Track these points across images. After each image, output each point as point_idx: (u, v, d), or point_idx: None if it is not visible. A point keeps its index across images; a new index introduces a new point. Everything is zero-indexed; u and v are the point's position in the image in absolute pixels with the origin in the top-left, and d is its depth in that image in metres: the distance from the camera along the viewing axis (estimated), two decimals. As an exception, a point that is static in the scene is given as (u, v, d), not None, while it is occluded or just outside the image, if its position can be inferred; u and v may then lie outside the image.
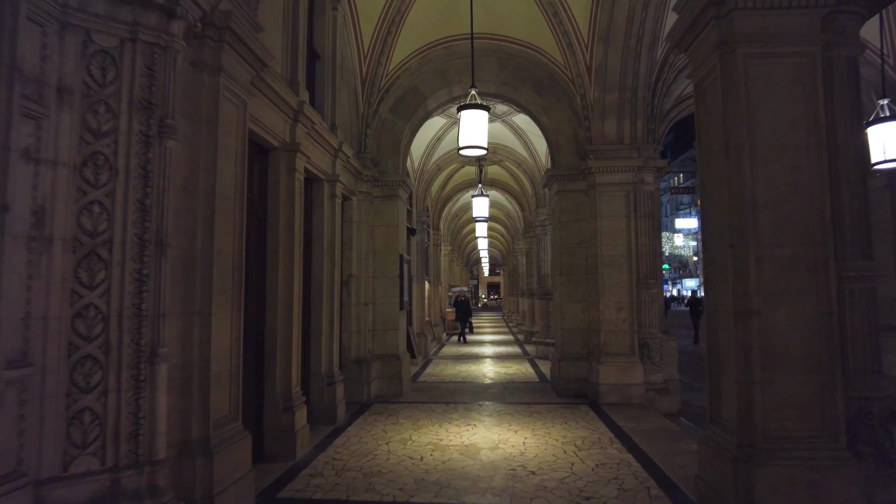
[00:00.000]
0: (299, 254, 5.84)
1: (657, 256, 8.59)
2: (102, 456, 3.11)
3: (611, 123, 8.47)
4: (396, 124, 9.15)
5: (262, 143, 5.43)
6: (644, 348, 8.29)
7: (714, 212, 3.95)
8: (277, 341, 5.53)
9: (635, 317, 8.23)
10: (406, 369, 9.17)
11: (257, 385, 5.48)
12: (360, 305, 8.50)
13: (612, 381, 8.09)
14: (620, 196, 8.36)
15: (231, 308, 4.23)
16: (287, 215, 5.70)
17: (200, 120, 3.94)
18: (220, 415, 4.05)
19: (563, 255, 8.84)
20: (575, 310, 8.72)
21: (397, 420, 7.08)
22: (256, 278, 5.49)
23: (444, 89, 9.11)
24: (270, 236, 5.62)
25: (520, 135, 13.11)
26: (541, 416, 7.28)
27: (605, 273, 8.26)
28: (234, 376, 4.26)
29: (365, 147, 8.71)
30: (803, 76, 3.62)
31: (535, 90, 9.01)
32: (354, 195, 8.45)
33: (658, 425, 6.83)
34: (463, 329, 18.84)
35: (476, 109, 6.32)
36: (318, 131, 6.37)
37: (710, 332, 4.05)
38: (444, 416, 7.31)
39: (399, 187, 9.09)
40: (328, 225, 7.08)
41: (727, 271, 3.72)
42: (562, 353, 8.79)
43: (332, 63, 7.40)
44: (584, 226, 8.71)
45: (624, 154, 8.39)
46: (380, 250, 9.00)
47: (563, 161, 8.96)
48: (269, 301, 5.56)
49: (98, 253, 3.17)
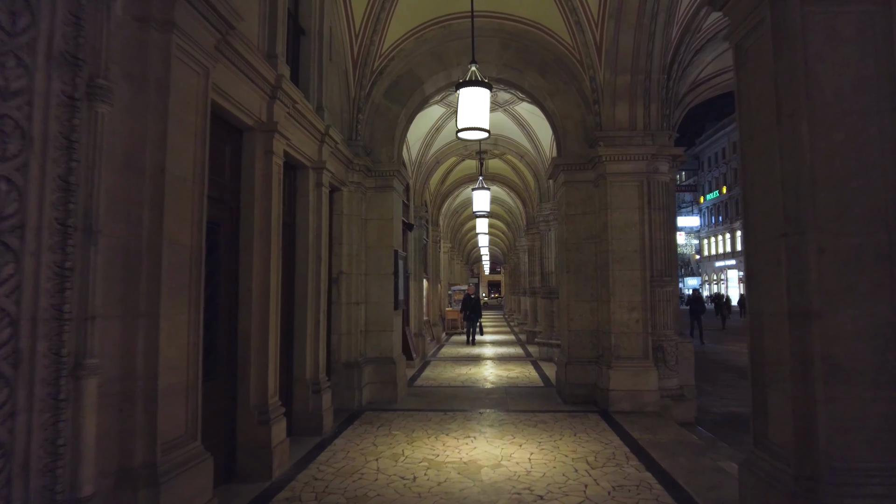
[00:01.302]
0: (278, 247, 5.21)
1: (672, 252, 7.95)
2: (7, 496, 2.48)
3: (622, 108, 7.83)
4: (391, 110, 8.52)
5: (233, 121, 4.80)
6: (658, 351, 7.66)
7: (760, 194, 3.32)
8: (251, 346, 4.91)
9: (649, 317, 7.59)
10: (401, 373, 8.54)
11: (229, 395, 4.85)
12: (351, 305, 7.87)
13: (623, 387, 7.46)
14: (633, 186, 7.72)
15: (188, 308, 3.60)
16: (263, 204, 5.07)
17: (148, 85, 3.31)
18: (174, 435, 3.42)
19: (570, 250, 8.20)
20: (583, 310, 8.09)
21: (390, 431, 6.45)
22: (228, 275, 4.87)
23: (441, 72, 8.47)
24: (244, 227, 5.00)
25: (522, 125, 12.47)
26: (547, 426, 6.65)
27: (616, 270, 7.62)
28: (191, 388, 3.63)
29: (356, 134, 8.07)
30: (873, 28, 2.98)
31: (541, 73, 8.37)
32: (345, 186, 7.82)
33: (676, 437, 6.20)
34: (472, 330, 17.14)
35: (477, 87, 5.70)
36: (300, 112, 5.74)
37: (754, 337, 3.42)
38: (442, 426, 6.68)
39: (394, 178, 8.46)
40: (313, 216, 6.45)
41: (778, 265, 3.09)
42: (569, 357, 8.16)
43: (319, 39, 6.76)
44: (594, 219, 8.08)
45: (637, 141, 7.75)
46: (373, 245, 8.37)
47: (570, 149, 8.32)
48: (243, 300, 4.93)
49: (5, 241, 2.54)
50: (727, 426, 7.64)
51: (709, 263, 64.23)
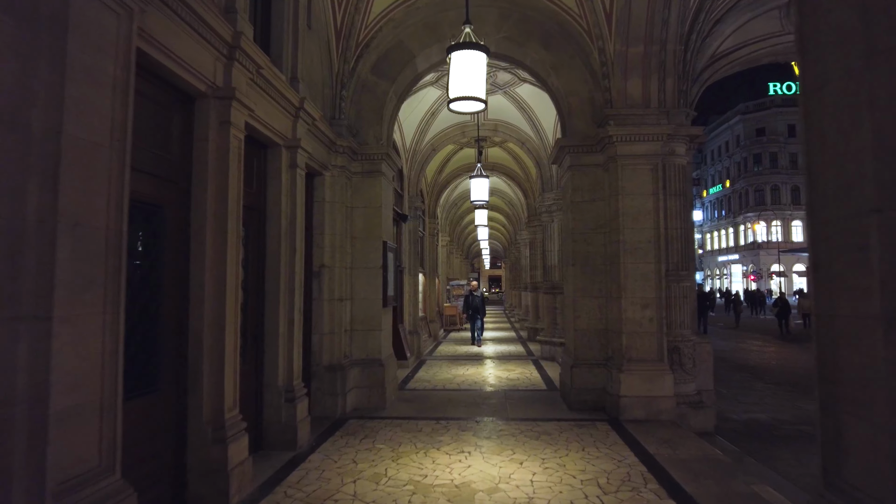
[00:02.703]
0: (237, 235, 4.45)
1: (689, 243, 7.18)
2: None
3: (635, 83, 7.05)
4: (379, 86, 7.74)
5: (181, 85, 4.03)
6: (674, 353, 6.91)
7: (833, 160, 2.54)
8: (204, 351, 4.16)
9: (664, 315, 6.84)
10: (390, 376, 7.80)
11: (177, 410, 4.11)
12: (334, 301, 7.12)
13: (635, 392, 6.71)
14: (646, 170, 6.95)
15: (103, 308, 2.85)
16: (218, 183, 4.30)
17: (37, 20, 2.55)
18: (79, 470, 2.68)
19: (576, 241, 7.44)
20: (591, 306, 7.33)
21: (374, 444, 5.71)
22: (176, 267, 4.12)
23: (435, 45, 7.68)
24: (196, 211, 4.23)
25: (524, 109, 11.68)
26: (551, 438, 5.91)
27: (627, 263, 6.86)
28: (107, 408, 2.88)
29: (340, 112, 7.29)
30: None
31: (544, 45, 7.59)
32: (327, 170, 7.05)
33: (698, 452, 5.45)
34: (475, 330, 15.49)
35: (471, 50, 4.92)
36: (267, 80, 4.97)
37: (822, 346, 2.65)
38: (433, 438, 5.94)
39: (382, 161, 7.69)
40: (286, 201, 5.69)
41: (862, 252, 2.32)
42: (574, 359, 7.41)
43: (295, 2, 5.98)
44: (603, 206, 7.31)
45: (651, 119, 6.97)
46: (359, 236, 7.61)
47: (576, 129, 7.55)
48: (194, 297, 4.18)
49: None
50: (751, 437, 6.89)
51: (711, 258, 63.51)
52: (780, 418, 7.66)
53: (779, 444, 6.60)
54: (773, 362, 13.57)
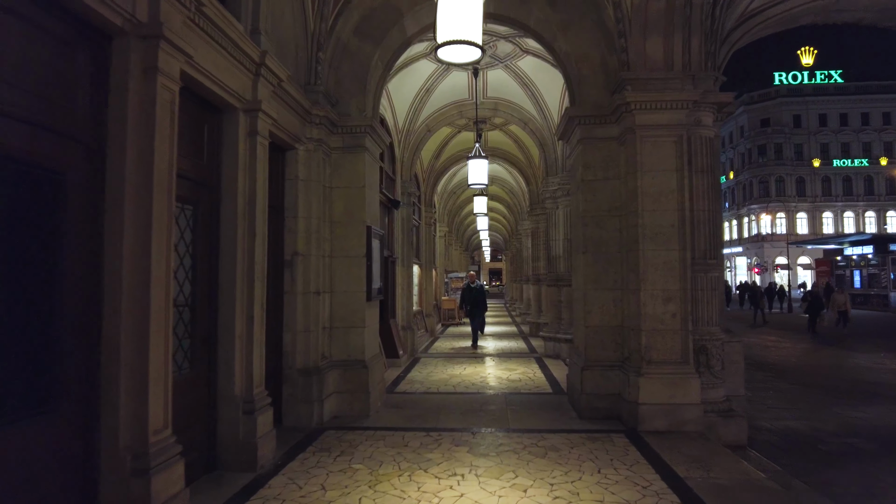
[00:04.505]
0: (167, 212, 3.53)
1: (718, 227, 6.26)
2: None
3: (655, 43, 6.09)
4: (363, 50, 6.79)
5: (91, 17, 3.10)
6: (701, 354, 6.00)
7: None
8: (122, 358, 3.25)
9: (689, 310, 5.93)
10: (375, 380, 6.88)
11: (85, 434, 3.20)
12: (309, 295, 6.20)
13: (656, 399, 5.81)
14: (669, 143, 6.01)
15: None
16: (142, 146, 3.38)
17: None
18: None
19: (587, 226, 6.51)
20: (604, 300, 6.42)
21: (350, 464, 4.80)
22: (83, 253, 3.21)
23: (426, 2, 6.72)
24: (112, 182, 3.32)
25: (526, 85, 10.71)
26: (560, 456, 5.01)
27: (647, 250, 5.94)
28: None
29: (316, 77, 6.33)
30: None
31: (549, 1, 6.64)
32: (300, 143, 6.12)
33: (739, 475, 4.55)
34: (475, 328, 13.52)
35: (463, -17, 3.99)
36: (211, 20, 4.03)
37: None
38: (420, 455, 5.03)
39: (366, 136, 6.75)
40: (244, 176, 4.77)
41: None
42: (585, 360, 6.50)
43: (255, -61, 5.03)
44: (618, 186, 6.39)
45: (674, 84, 6.03)
46: (339, 220, 6.68)
47: (587, 98, 6.61)
48: (108, 294, 3.27)
49: None
50: (791, 452, 5.97)
51: (716, 250, 62.44)
52: (821, 428, 6.75)
53: (829, 462, 5.66)
54: (794, 360, 12.68)
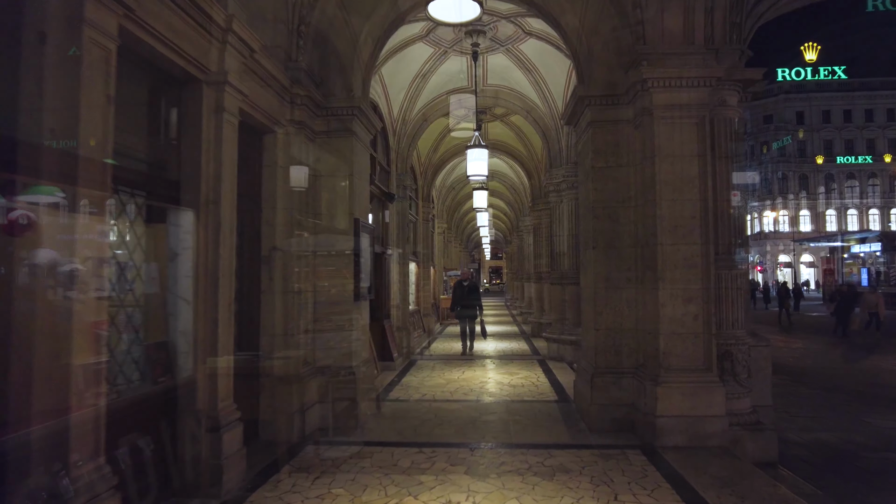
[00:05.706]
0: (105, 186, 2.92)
1: (742, 220, 5.66)
2: None
3: (675, 14, 5.47)
4: (349, 24, 6.17)
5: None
6: (725, 360, 5.39)
7: None
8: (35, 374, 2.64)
9: (713, 311, 5.31)
10: (364, 388, 6.26)
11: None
12: (289, 294, 5.59)
13: (676, 411, 5.20)
14: (690, 125, 5.40)
15: None
16: (70, 114, 2.77)
17: None
18: None
19: (598, 218, 5.90)
20: (616, 300, 5.81)
21: (329, 489, 4.19)
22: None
23: (419, -28, 6.12)
24: (26, 155, 2.71)
25: (529, 71, 10.07)
26: (570, 478, 4.39)
27: (666, 244, 5.33)
28: None
29: (298, 52, 5.70)
30: None
31: (557, -30, 6.03)
32: (279, 126, 5.50)
33: (773, 500, 3.94)
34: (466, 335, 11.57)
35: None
36: (161, -30, 3.42)
37: None
38: (411, 478, 4.42)
39: (354, 119, 6.14)
40: (209, 159, 4.15)
41: None
42: (595, 366, 5.90)
43: None
44: (633, 174, 5.77)
45: (696, 60, 5.40)
46: (324, 212, 6.07)
47: (597, 77, 5.99)
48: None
49: None
50: (826, 469, 5.32)
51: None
52: (854, 440, 6.13)
53: (870, 483, 5.03)
54: (826, 364, 12.06)
